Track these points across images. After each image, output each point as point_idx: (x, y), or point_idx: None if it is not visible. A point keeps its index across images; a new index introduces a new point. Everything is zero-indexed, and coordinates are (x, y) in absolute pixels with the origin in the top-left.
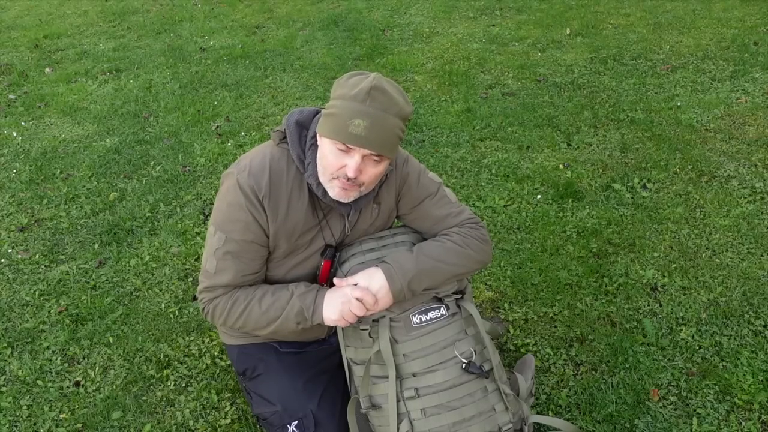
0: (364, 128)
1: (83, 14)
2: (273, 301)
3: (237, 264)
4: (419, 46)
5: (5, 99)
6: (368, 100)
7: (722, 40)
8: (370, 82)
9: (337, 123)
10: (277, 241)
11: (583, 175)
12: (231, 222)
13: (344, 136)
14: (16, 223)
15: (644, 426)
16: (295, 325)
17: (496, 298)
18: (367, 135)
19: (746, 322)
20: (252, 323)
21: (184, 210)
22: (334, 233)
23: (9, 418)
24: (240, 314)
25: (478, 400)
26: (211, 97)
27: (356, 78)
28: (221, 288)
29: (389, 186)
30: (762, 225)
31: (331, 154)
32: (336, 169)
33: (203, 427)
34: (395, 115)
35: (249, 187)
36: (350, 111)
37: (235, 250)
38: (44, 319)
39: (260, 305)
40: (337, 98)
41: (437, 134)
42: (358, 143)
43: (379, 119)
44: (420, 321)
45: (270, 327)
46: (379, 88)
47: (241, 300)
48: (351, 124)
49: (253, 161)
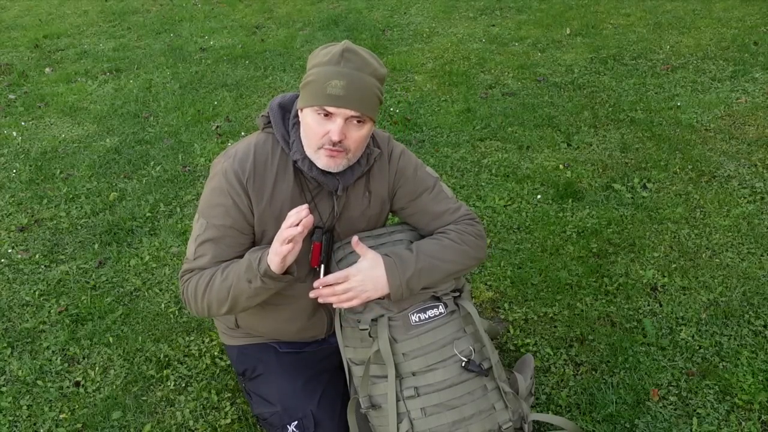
0: (341, 88)
1: (83, 14)
2: (231, 266)
3: (214, 249)
4: (419, 46)
5: (5, 99)
6: (342, 62)
7: (722, 40)
8: (342, 45)
9: (314, 88)
10: (264, 225)
11: (583, 175)
12: (212, 207)
13: (323, 99)
14: (16, 223)
15: (644, 426)
16: (246, 284)
17: (496, 298)
18: (345, 94)
19: (746, 322)
20: (215, 293)
21: (184, 210)
22: (322, 215)
23: (9, 418)
24: (205, 288)
25: (477, 398)
26: (211, 97)
27: (328, 47)
28: (198, 270)
29: (381, 175)
30: (762, 225)
31: (314, 122)
32: (320, 136)
33: (203, 427)
34: (370, 74)
35: (233, 171)
36: (326, 74)
37: (214, 235)
38: (44, 319)
39: (222, 274)
40: (312, 67)
41: (437, 134)
42: (337, 103)
43: (355, 78)
44: (419, 319)
45: (229, 296)
46: (351, 50)
47: (206, 274)
48: (328, 85)
49: (238, 148)
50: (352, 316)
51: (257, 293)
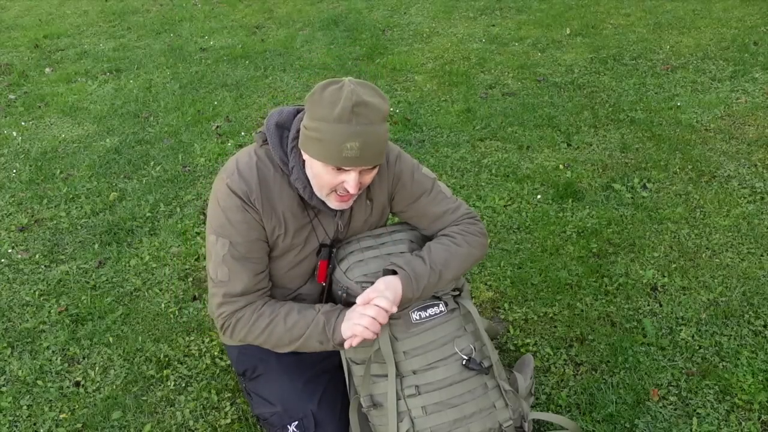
0: (357, 149)
1: (83, 14)
2: (299, 318)
3: (248, 265)
4: (419, 46)
5: (5, 99)
6: (353, 119)
7: (722, 40)
8: (351, 99)
9: (328, 149)
10: (274, 239)
11: (583, 175)
12: (231, 225)
13: (340, 161)
14: (16, 223)
15: (644, 426)
16: (317, 344)
17: (496, 298)
18: (361, 155)
19: (746, 322)
20: (275, 339)
21: (184, 210)
22: (327, 232)
23: (9, 418)
24: (263, 329)
25: (478, 397)
26: (211, 97)
27: (331, 91)
28: (240, 298)
29: (381, 181)
30: (762, 225)
31: (326, 174)
32: (333, 185)
33: (203, 427)
34: (381, 121)
35: (240, 190)
36: (340, 135)
37: (243, 251)
38: (44, 319)
39: (285, 322)
40: (319, 120)
41: (437, 134)
42: (355, 164)
43: (369, 136)
44: (419, 317)
45: (292, 345)
46: (362, 104)
47: (266, 315)
48: (344, 148)
49: (239, 164)
50: None
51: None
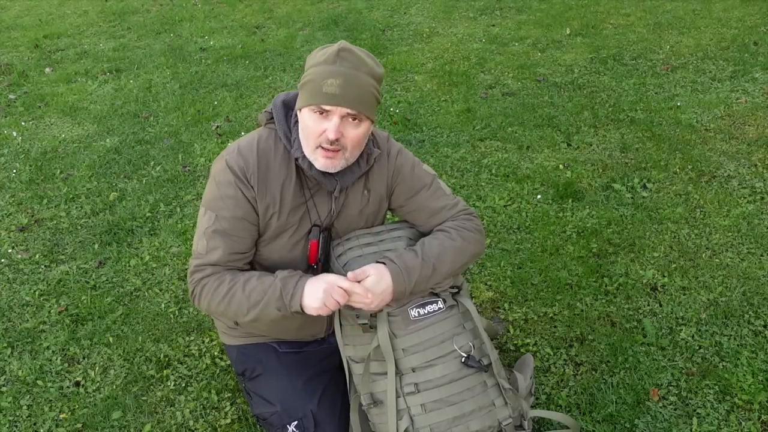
0: (337, 86)
1: (83, 14)
2: (257, 284)
3: (227, 241)
4: (419, 46)
5: (5, 99)
6: (338, 61)
7: (722, 40)
8: (338, 45)
9: (311, 88)
10: (267, 219)
11: (583, 175)
12: (220, 200)
13: (320, 98)
14: (16, 223)
15: (644, 426)
16: (275, 311)
17: (496, 298)
18: (341, 93)
19: (746, 322)
20: (234, 307)
21: (184, 210)
22: (320, 213)
23: (9, 418)
24: (224, 296)
25: (477, 394)
26: (211, 97)
27: (325, 47)
28: (210, 267)
29: (380, 173)
30: (762, 225)
31: (310, 121)
32: (317, 135)
33: (203, 427)
34: (366, 73)
35: (237, 165)
36: (322, 73)
37: (225, 227)
38: (44, 319)
39: (244, 289)
40: (310, 68)
41: (437, 134)
42: (333, 102)
43: (351, 77)
44: (418, 314)
45: (251, 313)
46: (347, 50)
47: (227, 282)
48: (324, 84)
49: (241, 143)
50: (350, 313)
51: (284, 319)
